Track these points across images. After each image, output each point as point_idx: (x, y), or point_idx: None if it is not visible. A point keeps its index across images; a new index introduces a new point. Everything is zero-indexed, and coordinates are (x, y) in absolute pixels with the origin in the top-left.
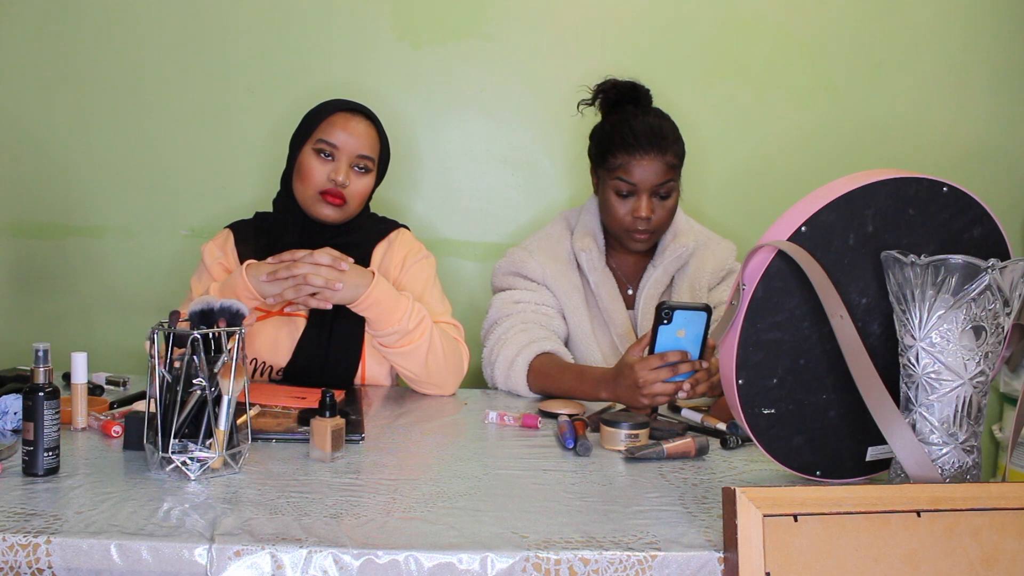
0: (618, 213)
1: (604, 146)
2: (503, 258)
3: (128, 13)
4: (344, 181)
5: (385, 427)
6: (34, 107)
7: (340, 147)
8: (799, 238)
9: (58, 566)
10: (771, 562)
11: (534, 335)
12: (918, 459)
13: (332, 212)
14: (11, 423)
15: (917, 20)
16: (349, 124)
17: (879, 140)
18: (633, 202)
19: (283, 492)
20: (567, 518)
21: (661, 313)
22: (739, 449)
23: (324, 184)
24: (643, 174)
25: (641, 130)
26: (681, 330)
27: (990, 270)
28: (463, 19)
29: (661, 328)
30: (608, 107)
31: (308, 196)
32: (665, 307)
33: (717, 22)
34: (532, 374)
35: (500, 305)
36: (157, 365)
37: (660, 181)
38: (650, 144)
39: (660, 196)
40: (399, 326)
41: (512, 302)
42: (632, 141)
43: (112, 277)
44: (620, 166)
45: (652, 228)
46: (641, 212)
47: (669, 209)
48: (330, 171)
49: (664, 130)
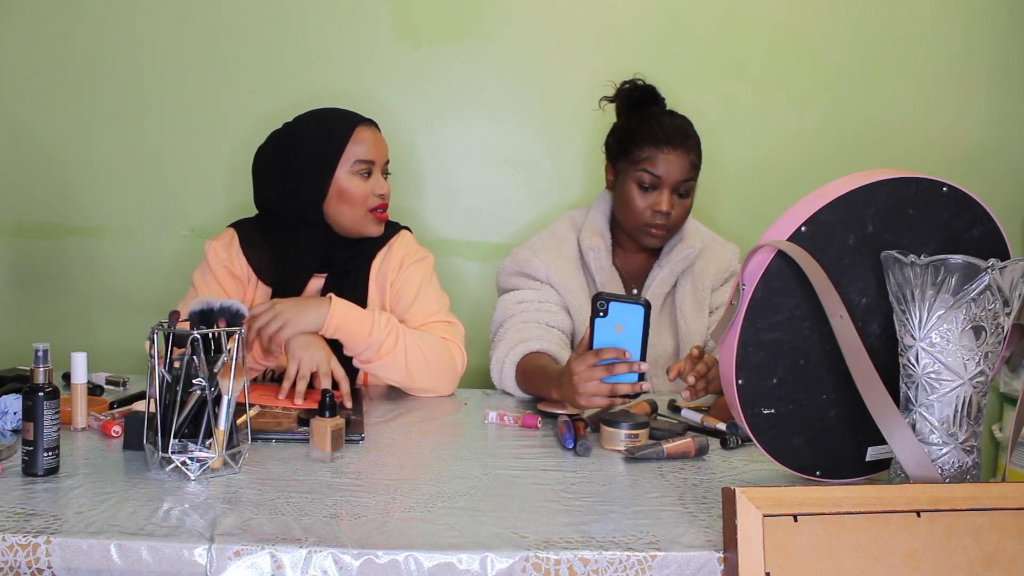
0: (638, 207)
1: (629, 139)
2: (507, 258)
3: (128, 13)
4: (386, 193)
5: (385, 427)
6: (34, 107)
7: (375, 160)
8: (799, 238)
9: (58, 566)
10: (771, 562)
11: (526, 334)
12: (918, 459)
13: (381, 227)
14: (11, 423)
15: (917, 20)
16: (373, 136)
17: (879, 140)
18: (655, 196)
19: (283, 492)
20: (567, 518)
21: (596, 305)
22: (739, 449)
23: (372, 201)
24: (668, 168)
25: (669, 126)
26: (619, 325)
27: (990, 270)
28: (463, 19)
29: (597, 321)
30: (629, 106)
31: (358, 216)
32: (600, 298)
33: (717, 22)
34: (519, 374)
35: (504, 307)
36: (157, 365)
37: (683, 178)
38: (677, 140)
39: (680, 194)
40: (371, 339)
41: (515, 302)
42: (660, 135)
43: (112, 277)
44: (646, 158)
45: (669, 225)
46: (663, 206)
47: (686, 209)
48: (373, 187)
49: (689, 131)
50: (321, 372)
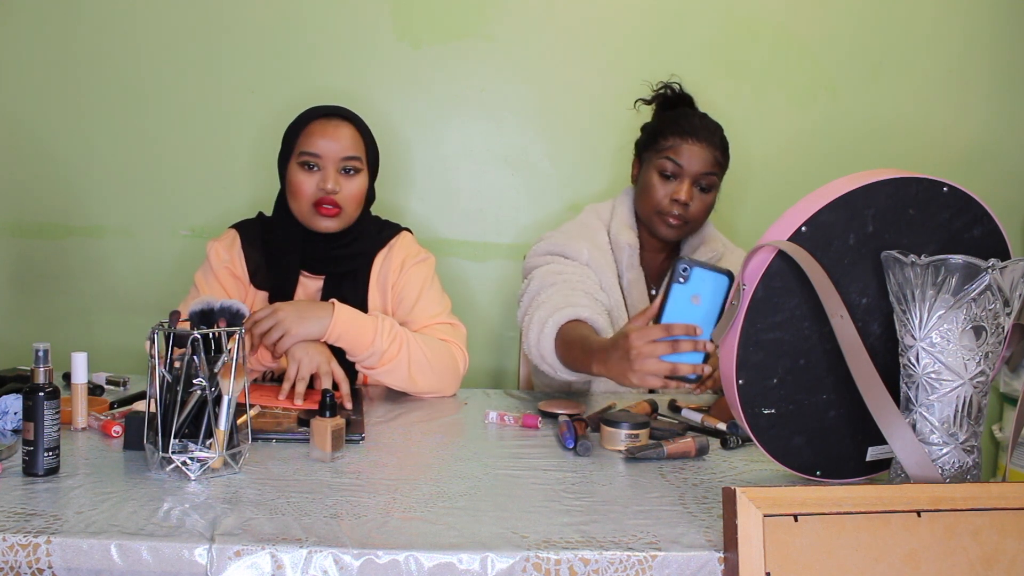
0: (656, 194)
1: (658, 130)
2: (540, 242)
3: (128, 13)
4: (334, 187)
5: (385, 427)
6: (34, 107)
7: (323, 155)
8: (799, 238)
9: (58, 566)
10: (771, 562)
11: (573, 300)
12: (918, 459)
13: (330, 222)
14: (11, 423)
15: (917, 20)
16: (327, 130)
17: (879, 140)
18: (675, 185)
19: (283, 492)
20: (567, 518)
21: (679, 269)
22: (739, 449)
23: (315, 195)
24: (691, 158)
25: (698, 122)
26: (696, 296)
27: (990, 270)
28: (463, 19)
29: (674, 287)
30: (663, 108)
31: (304, 211)
32: (684, 262)
33: (717, 22)
34: (559, 341)
35: (542, 276)
36: (157, 365)
37: (705, 170)
38: (703, 134)
39: (701, 187)
40: (374, 347)
41: (555, 273)
42: (687, 126)
43: (112, 277)
44: (671, 147)
45: (687, 217)
46: (681, 195)
47: (706, 204)
48: (318, 181)
49: (717, 131)
50: (321, 372)
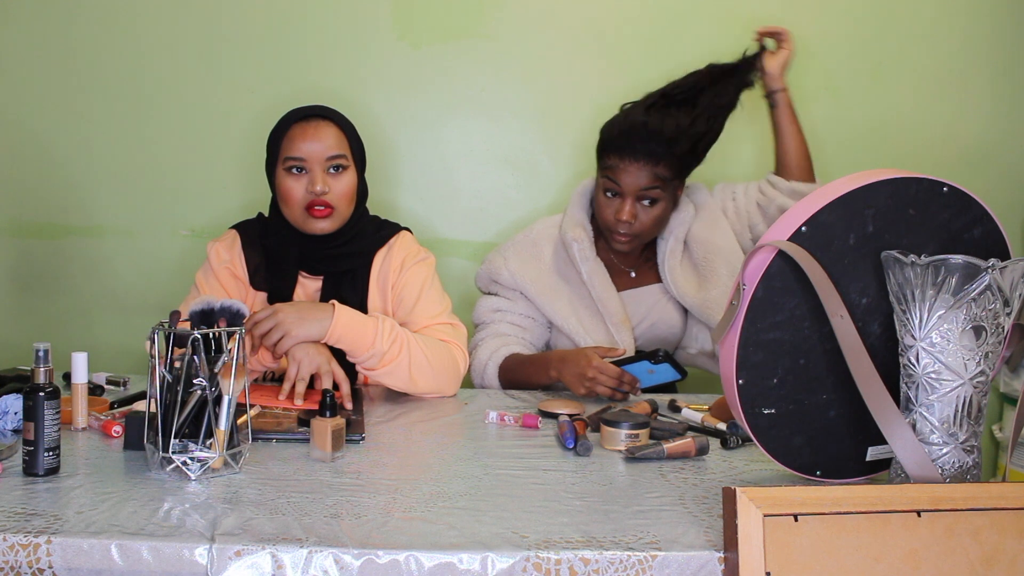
0: (604, 212)
1: (602, 143)
2: (483, 263)
3: (128, 14)
4: (323, 188)
5: (385, 427)
6: (34, 107)
7: (308, 157)
8: (799, 238)
9: (58, 566)
10: (771, 562)
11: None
12: (918, 459)
13: (324, 223)
14: (11, 423)
15: (917, 20)
16: (308, 131)
17: (879, 140)
18: (618, 203)
19: (283, 492)
20: (567, 518)
21: (658, 354)
22: (739, 449)
23: (305, 199)
24: (628, 179)
25: (639, 135)
26: (653, 370)
27: (990, 270)
28: (463, 19)
29: (644, 361)
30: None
31: (297, 216)
32: (661, 352)
33: (717, 22)
34: (502, 372)
35: (482, 312)
36: (157, 365)
37: (645, 185)
38: (642, 152)
39: (647, 200)
40: (374, 349)
41: (492, 310)
42: (624, 144)
43: (112, 277)
44: (611, 166)
45: (634, 232)
46: (623, 215)
47: (654, 217)
48: (307, 184)
49: (670, 138)
50: (321, 372)
